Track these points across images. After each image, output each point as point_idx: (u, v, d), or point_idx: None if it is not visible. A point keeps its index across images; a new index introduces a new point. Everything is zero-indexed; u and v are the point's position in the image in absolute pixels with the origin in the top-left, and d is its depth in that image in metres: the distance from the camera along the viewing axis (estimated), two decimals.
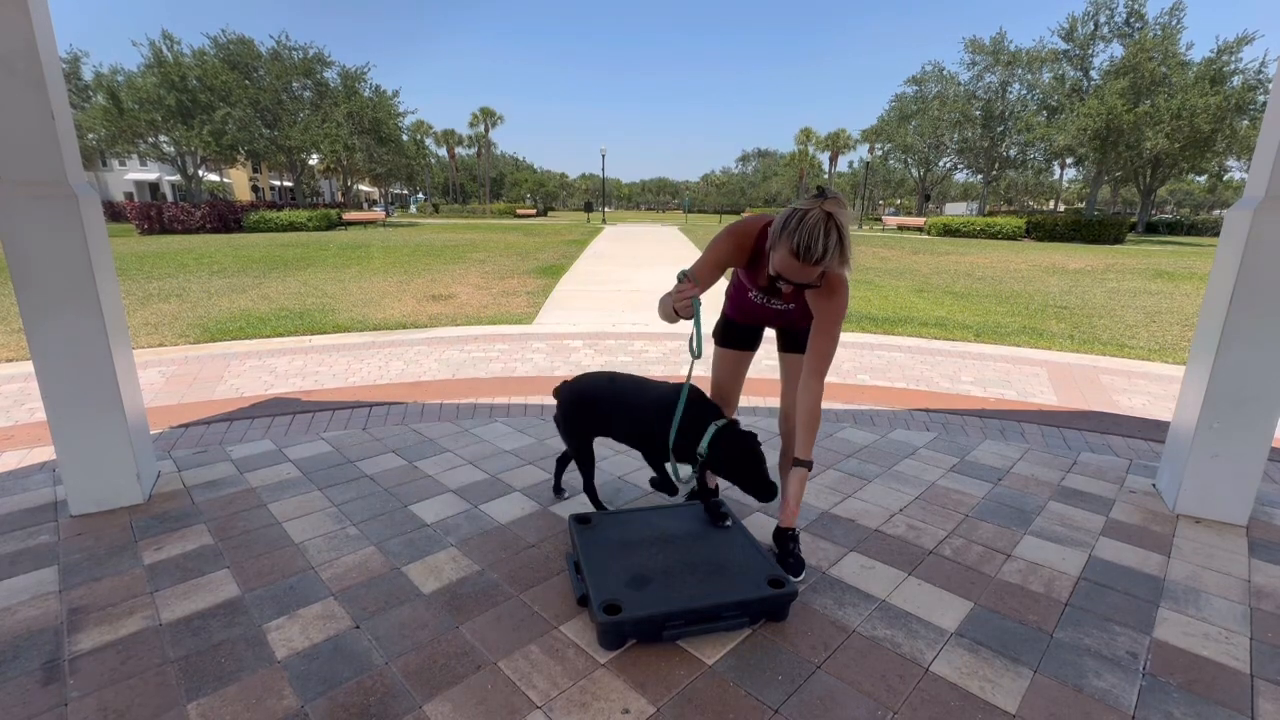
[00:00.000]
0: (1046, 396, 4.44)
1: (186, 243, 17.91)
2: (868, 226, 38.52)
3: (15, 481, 2.66)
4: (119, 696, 1.49)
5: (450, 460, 2.90)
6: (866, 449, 3.11)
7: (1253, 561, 2.15)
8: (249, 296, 8.29)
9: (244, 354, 5.29)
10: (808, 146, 62.14)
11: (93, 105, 27.96)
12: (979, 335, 6.48)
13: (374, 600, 1.86)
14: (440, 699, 1.49)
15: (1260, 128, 2.28)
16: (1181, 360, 5.55)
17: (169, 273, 10.78)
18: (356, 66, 33.16)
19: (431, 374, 4.75)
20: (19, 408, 3.88)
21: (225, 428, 3.51)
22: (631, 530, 2.05)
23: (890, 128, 39.65)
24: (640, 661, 1.62)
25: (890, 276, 11.67)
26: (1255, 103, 26.25)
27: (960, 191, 62.14)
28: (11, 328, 6.11)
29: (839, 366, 5.01)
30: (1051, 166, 37.46)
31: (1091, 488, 2.70)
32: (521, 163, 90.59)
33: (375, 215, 30.82)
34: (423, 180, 59.39)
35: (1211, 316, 2.35)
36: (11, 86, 2.02)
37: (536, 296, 8.60)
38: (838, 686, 1.54)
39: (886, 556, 2.13)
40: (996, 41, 33.30)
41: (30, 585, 1.93)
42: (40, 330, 2.18)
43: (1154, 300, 9.32)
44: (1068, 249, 21.06)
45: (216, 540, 2.19)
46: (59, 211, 2.13)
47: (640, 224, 37.65)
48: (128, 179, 43.23)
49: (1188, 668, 1.63)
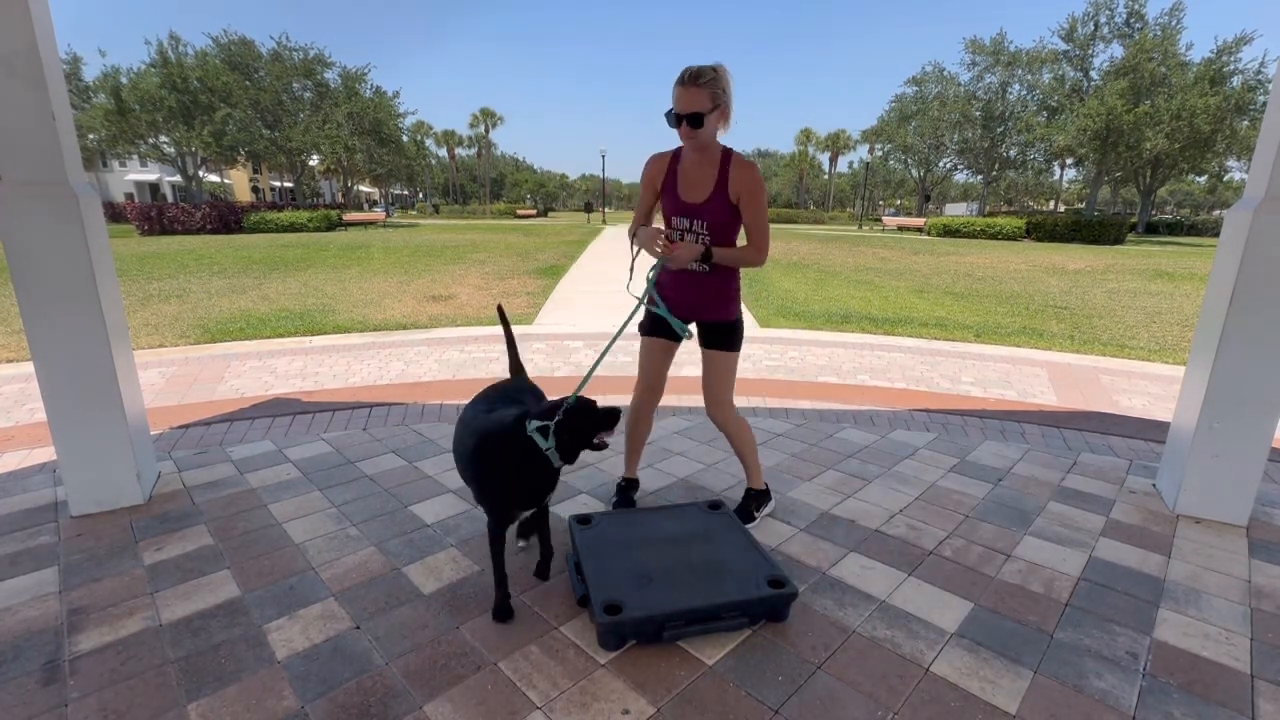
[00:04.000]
0: (1047, 397, 4.44)
1: (187, 243, 17.91)
2: (867, 227, 38.53)
3: (15, 482, 2.66)
4: (119, 697, 1.49)
5: (450, 461, 2.90)
6: (866, 449, 3.11)
7: (1253, 562, 2.15)
8: (249, 297, 8.29)
9: (244, 354, 5.29)
10: (807, 147, 62.13)
11: (94, 105, 27.99)
12: (979, 336, 6.48)
13: (374, 601, 1.86)
14: (440, 699, 1.49)
15: (1260, 128, 2.28)
16: (1181, 360, 5.55)
17: (169, 273, 10.79)
18: (357, 67, 33.25)
19: (432, 374, 4.75)
20: (19, 408, 3.89)
21: (225, 428, 3.51)
22: (631, 530, 2.05)
23: (890, 128, 39.66)
24: (640, 662, 1.62)
25: (890, 277, 11.67)
26: (1255, 103, 26.26)
27: (960, 192, 62.17)
28: (12, 328, 6.11)
29: (839, 366, 5.02)
30: (1051, 167, 37.47)
31: (1092, 488, 2.70)
32: (521, 163, 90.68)
33: (375, 216, 30.85)
34: (423, 181, 59.45)
35: (1211, 317, 2.36)
36: (11, 86, 2.02)
37: (536, 297, 8.60)
38: (838, 687, 1.54)
39: (887, 557, 2.13)
40: (997, 42, 33.32)
41: (30, 586, 1.93)
42: (41, 331, 2.19)
43: (1154, 301, 9.32)
44: (1068, 249, 21.06)
45: (217, 541, 2.19)
46: (59, 212, 2.13)
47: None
48: (128, 180, 43.25)
49: (1188, 668, 1.63)
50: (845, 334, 6.52)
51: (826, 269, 12.84)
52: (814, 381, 4.66)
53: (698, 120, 1.85)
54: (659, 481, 2.72)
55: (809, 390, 4.41)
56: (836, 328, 6.78)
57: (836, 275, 11.77)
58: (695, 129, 1.87)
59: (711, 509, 2.19)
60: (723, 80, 1.86)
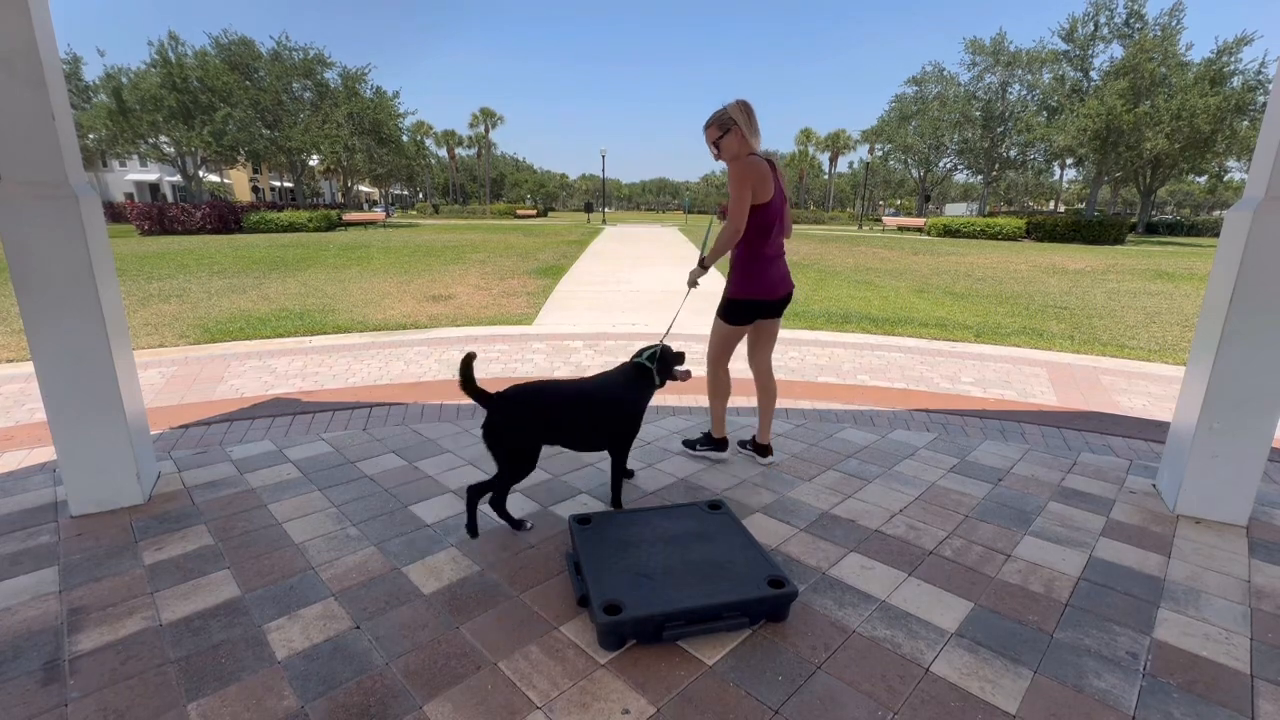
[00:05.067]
0: (1046, 397, 4.44)
1: (187, 243, 17.92)
2: (868, 227, 38.53)
3: (16, 482, 2.66)
4: (119, 697, 1.49)
5: (450, 461, 2.90)
6: (866, 449, 3.11)
7: (1253, 562, 2.15)
8: (249, 297, 8.29)
9: (244, 354, 5.29)
10: (808, 147, 62.13)
11: (94, 105, 27.99)
12: (979, 336, 6.48)
13: (374, 601, 1.86)
14: (440, 699, 1.49)
15: (1260, 128, 2.28)
16: (1181, 361, 5.55)
17: (169, 273, 10.79)
18: (357, 67, 33.26)
19: (431, 374, 4.75)
20: (19, 408, 3.89)
21: (225, 428, 3.51)
22: (631, 530, 2.05)
23: (890, 128, 39.68)
24: (640, 662, 1.62)
25: (890, 277, 11.68)
26: (1255, 103, 26.27)
27: (960, 192, 62.17)
28: (12, 328, 6.11)
29: (839, 367, 5.02)
30: (1051, 167, 37.49)
31: (1091, 488, 2.70)
32: (522, 163, 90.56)
33: (375, 216, 30.84)
34: (423, 181, 59.39)
35: (1211, 317, 2.36)
36: (11, 87, 2.02)
37: (536, 297, 8.60)
38: (838, 687, 1.54)
39: (887, 557, 2.13)
40: (997, 42, 33.35)
41: (31, 585, 1.93)
42: (41, 331, 2.19)
43: (1154, 301, 9.32)
44: (1068, 249, 21.07)
45: (217, 541, 2.19)
46: (59, 212, 2.14)
47: (641, 225, 37.62)
48: (128, 179, 43.24)
49: (1188, 668, 1.63)
50: (845, 334, 6.52)
51: (826, 269, 12.84)
52: (814, 381, 4.66)
53: (716, 147, 2.59)
54: (659, 481, 2.72)
55: (809, 390, 4.41)
56: (836, 328, 6.78)
57: (836, 275, 11.77)
58: (718, 150, 2.58)
59: (711, 509, 2.19)
60: (725, 115, 2.51)
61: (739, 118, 2.47)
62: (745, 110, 2.49)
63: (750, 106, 2.51)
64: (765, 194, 2.47)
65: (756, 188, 2.45)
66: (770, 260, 2.62)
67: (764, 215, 2.51)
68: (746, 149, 2.50)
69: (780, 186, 2.57)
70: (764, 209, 2.50)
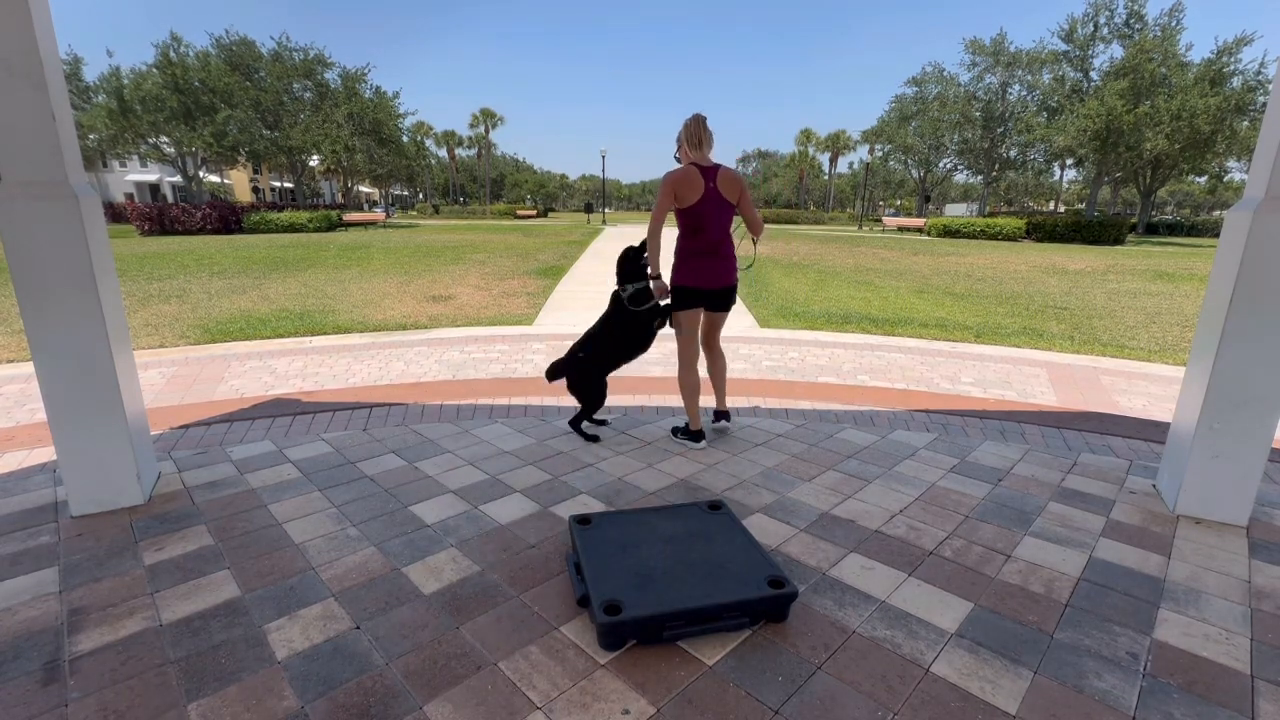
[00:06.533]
0: (1046, 397, 4.44)
1: (187, 244, 17.92)
2: (868, 227, 38.53)
3: (16, 482, 2.66)
4: (119, 697, 1.49)
5: (450, 461, 2.90)
6: (866, 450, 3.11)
7: (1253, 562, 2.15)
8: (249, 297, 8.30)
9: (244, 355, 5.29)
10: (808, 147, 62.05)
11: (95, 105, 28.00)
12: (979, 336, 6.49)
13: (374, 601, 1.86)
14: (440, 699, 1.49)
15: (1260, 128, 2.28)
16: (1181, 361, 5.55)
17: (169, 273, 10.79)
18: (357, 68, 33.25)
19: (431, 375, 4.75)
20: (20, 408, 3.89)
21: (225, 428, 3.51)
22: (631, 530, 2.05)
23: (890, 129, 39.66)
24: (640, 662, 1.62)
25: (890, 277, 11.68)
26: (1255, 103, 26.25)
27: (960, 192, 62.17)
28: (12, 328, 6.11)
29: (839, 367, 5.02)
30: (1051, 167, 37.47)
31: (1092, 488, 2.70)
32: (522, 164, 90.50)
33: (375, 216, 30.84)
34: (423, 181, 59.38)
35: (1211, 317, 2.36)
36: (11, 87, 2.02)
37: (536, 297, 8.60)
38: (838, 687, 1.54)
39: (887, 557, 2.13)
40: (997, 42, 33.33)
41: (31, 586, 1.93)
42: (41, 331, 2.19)
43: (1154, 301, 9.32)
44: (1068, 250, 21.07)
45: (217, 541, 2.19)
46: (60, 212, 2.14)
47: (641, 225, 37.49)
48: (128, 180, 43.23)
49: (1188, 668, 1.63)
50: (845, 334, 6.53)
51: (826, 269, 12.85)
52: (814, 382, 4.66)
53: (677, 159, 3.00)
54: (659, 481, 2.72)
55: (809, 391, 4.41)
56: (836, 328, 6.78)
57: (836, 275, 11.78)
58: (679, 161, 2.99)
59: (711, 509, 2.19)
60: (679, 134, 2.91)
61: (683, 135, 2.88)
62: (690, 127, 2.86)
63: (699, 121, 2.85)
64: (689, 199, 2.82)
65: (679, 193, 2.82)
66: (703, 254, 2.94)
67: (690, 216, 2.87)
68: (688, 159, 2.89)
69: (713, 191, 2.86)
70: (690, 211, 2.85)
